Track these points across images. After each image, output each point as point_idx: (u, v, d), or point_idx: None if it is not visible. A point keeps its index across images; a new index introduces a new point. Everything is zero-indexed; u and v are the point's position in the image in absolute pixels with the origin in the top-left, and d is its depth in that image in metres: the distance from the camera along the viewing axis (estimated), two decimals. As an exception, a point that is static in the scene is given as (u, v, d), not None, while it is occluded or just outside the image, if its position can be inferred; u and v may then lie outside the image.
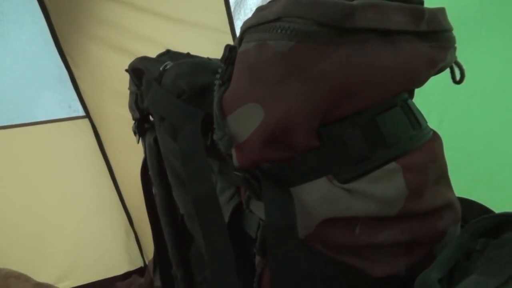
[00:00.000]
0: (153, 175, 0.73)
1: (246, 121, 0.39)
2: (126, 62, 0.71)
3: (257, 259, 0.46)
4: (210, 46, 1.55)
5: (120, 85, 1.19)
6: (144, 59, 0.69)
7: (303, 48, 0.35)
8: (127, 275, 2.05)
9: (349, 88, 0.36)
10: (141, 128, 0.74)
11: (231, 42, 0.43)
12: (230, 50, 0.41)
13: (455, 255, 0.35)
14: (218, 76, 0.42)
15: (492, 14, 0.99)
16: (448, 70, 0.43)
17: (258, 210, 0.45)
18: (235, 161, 0.44)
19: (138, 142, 0.77)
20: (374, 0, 0.34)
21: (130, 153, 1.25)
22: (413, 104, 0.42)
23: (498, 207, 0.43)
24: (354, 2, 0.34)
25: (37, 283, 0.91)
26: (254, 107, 0.38)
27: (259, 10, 0.39)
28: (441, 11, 0.39)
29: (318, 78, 0.35)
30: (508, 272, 0.30)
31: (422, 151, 0.39)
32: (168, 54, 0.71)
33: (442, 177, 0.42)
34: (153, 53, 0.73)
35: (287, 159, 0.39)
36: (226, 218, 0.49)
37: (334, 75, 0.35)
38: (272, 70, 0.36)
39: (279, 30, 0.35)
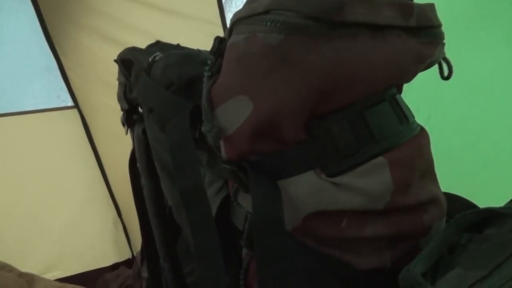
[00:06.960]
0: (141, 166, 0.73)
1: (234, 114, 0.39)
2: (116, 53, 0.71)
3: (244, 251, 0.46)
4: (201, 38, 1.55)
5: (109, 76, 1.18)
6: (133, 50, 0.68)
7: (292, 41, 0.35)
8: (115, 267, 2.05)
9: (338, 82, 0.36)
10: (130, 119, 0.73)
11: (222, 34, 0.43)
12: (219, 42, 0.41)
13: (440, 249, 0.35)
14: (207, 68, 0.42)
15: (482, 11, 0.99)
16: (436, 66, 0.44)
17: (245, 202, 0.45)
18: (223, 153, 0.44)
19: (126, 133, 0.77)
20: None
21: (119, 144, 1.25)
22: (401, 99, 0.42)
23: (483, 202, 0.44)
24: None
25: (21, 273, 0.90)
26: (243, 99, 0.38)
27: (250, 2, 0.39)
28: (430, 7, 0.39)
29: (307, 71, 0.35)
30: (490, 266, 0.30)
31: (409, 146, 0.39)
32: (158, 45, 0.71)
33: (428, 172, 0.42)
34: (143, 44, 0.72)
35: (275, 152, 0.39)
36: (214, 211, 0.49)
37: (323, 69, 0.35)
38: (261, 63, 0.36)
39: (268, 23, 0.35)
